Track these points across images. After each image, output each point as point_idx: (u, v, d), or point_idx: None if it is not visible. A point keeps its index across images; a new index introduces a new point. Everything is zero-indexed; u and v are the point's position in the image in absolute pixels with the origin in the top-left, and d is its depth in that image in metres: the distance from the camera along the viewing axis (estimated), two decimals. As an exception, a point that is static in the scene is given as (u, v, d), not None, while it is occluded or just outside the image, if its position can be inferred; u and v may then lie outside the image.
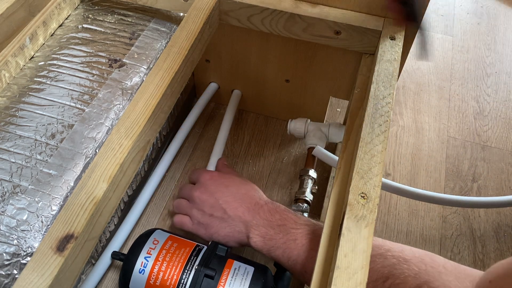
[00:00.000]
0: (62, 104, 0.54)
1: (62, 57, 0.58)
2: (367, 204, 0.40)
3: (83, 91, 0.55)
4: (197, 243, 0.55)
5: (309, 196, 0.63)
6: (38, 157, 0.49)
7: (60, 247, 0.36)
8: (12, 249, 0.43)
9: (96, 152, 0.50)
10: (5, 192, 0.46)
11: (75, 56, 0.59)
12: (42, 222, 0.44)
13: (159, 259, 0.52)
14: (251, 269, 0.52)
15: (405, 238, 0.69)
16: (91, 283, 0.57)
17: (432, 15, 1.08)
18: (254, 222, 0.52)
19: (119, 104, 0.55)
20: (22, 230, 0.44)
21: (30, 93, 0.54)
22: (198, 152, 0.77)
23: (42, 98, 0.54)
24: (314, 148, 0.67)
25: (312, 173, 0.66)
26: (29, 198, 0.46)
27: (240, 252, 0.66)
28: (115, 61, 0.59)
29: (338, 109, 0.87)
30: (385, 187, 0.67)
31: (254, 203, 0.54)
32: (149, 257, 0.52)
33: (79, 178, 0.48)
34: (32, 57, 0.59)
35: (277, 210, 0.52)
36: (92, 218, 0.38)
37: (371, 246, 0.37)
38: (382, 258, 0.43)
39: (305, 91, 0.75)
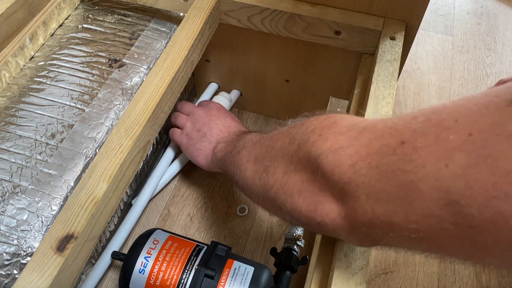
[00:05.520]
0: (62, 104, 0.54)
1: (62, 57, 0.58)
2: (367, 204, 0.39)
3: (83, 91, 0.55)
4: (197, 243, 0.55)
5: (309, 196, 0.63)
6: (38, 157, 0.49)
7: (60, 247, 0.36)
8: (12, 249, 0.43)
9: (96, 152, 0.50)
10: (5, 192, 0.46)
11: (75, 56, 0.59)
12: (42, 222, 0.44)
13: (159, 259, 0.52)
14: (251, 269, 0.52)
15: (405, 238, 0.69)
16: (91, 283, 0.57)
17: (432, 15, 1.08)
18: (221, 140, 0.59)
19: (119, 104, 0.55)
20: (22, 230, 0.44)
21: (30, 93, 0.54)
22: (198, 152, 0.77)
23: (42, 98, 0.54)
24: (314, 148, 0.66)
25: (312, 173, 0.66)
26: (29, 198, 0.46)
27: (240, 252, 0.66)
28: (115, 61, 0.59)
29: (338, 109, 0.87)
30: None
31: (231, 131, 0.61)
32: (149, 257, 0.52)
33: (79, 178, 0.48)
34: (32, 57, 0.59)
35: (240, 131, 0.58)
36: (92, 218, 0.38)
37: None
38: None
39: (305, 91, 0.75)
